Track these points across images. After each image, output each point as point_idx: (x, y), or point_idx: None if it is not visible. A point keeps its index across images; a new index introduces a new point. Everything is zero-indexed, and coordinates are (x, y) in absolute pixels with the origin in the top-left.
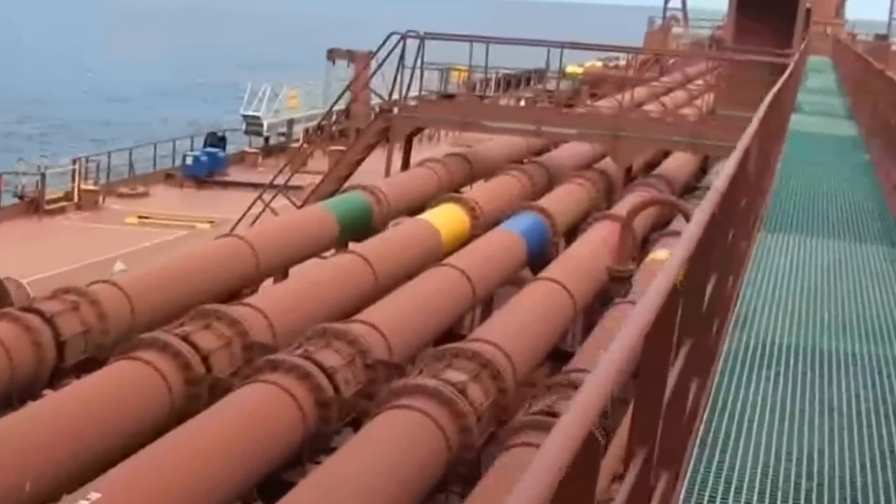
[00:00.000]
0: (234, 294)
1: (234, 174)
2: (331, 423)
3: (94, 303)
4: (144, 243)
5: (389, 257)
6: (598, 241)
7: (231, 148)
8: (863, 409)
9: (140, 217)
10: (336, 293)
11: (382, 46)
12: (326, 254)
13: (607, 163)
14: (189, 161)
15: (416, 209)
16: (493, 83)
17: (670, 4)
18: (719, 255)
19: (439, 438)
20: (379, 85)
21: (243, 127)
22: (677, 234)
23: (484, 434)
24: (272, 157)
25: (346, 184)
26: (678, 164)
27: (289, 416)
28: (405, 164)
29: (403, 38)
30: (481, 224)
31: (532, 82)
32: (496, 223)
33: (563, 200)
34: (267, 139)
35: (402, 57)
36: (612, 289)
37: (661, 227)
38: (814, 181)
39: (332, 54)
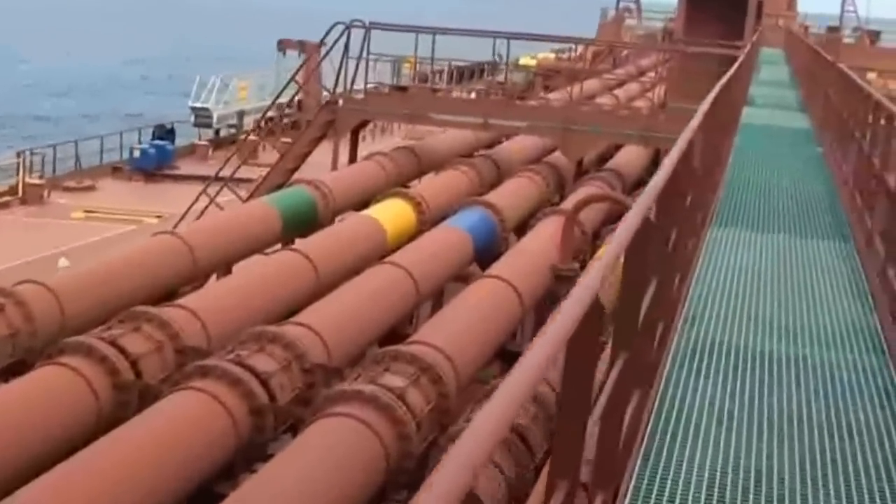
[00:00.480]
0: (171, 294)
1: (184, 167)
2: (265, 432)
3: (20, 304)
4: (91, 238)
5: (332, 254)
6: (546, 237)
7: (181, 140)
8: (813, 418)
9: (87, 211)
10: (275, 293)
11: (327, 36)
12: (270, 250)
13: (558, 156)
14: (136, 154)
15: (362, 204)
16: (445, 75)
17: None
18: (659, 253)
19: (377, 446)
20: (331, 76)
21: (192, 119)
22: None
23: (425, 441)
24: (223, 150)
25: (294, 177)
26: (630, 157)
27: (220, 424)
28: (352, 158)
29: (348, 27)
30: (428, 220)
31: (485, 74)
32: (443, 219)
33: (512, 195)
34: (217, 131)
35: (346, 47)
36: (556, 289)
37: (613, 221)
38: (766, 175)
39: (283, 45)
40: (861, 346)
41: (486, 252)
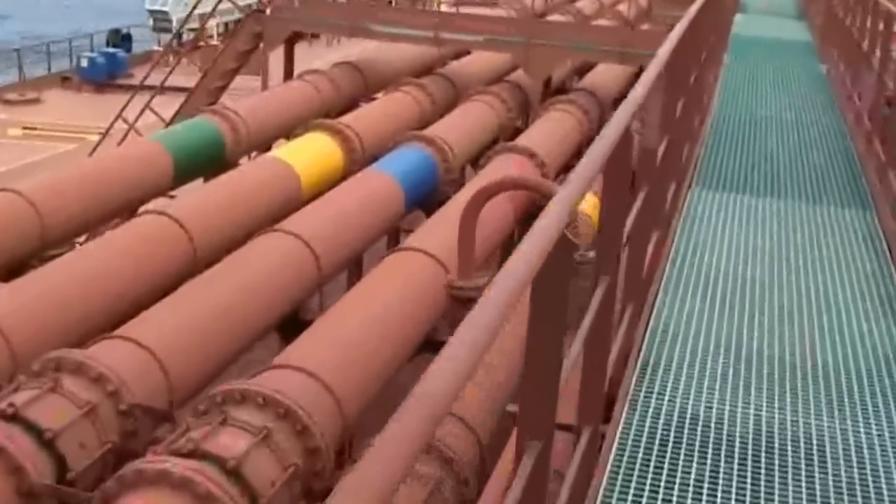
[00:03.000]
0: (13, 273)
1: (140, 76)
2: None
3: None
4: (29, 158)
5: (215, 219)
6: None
7: (141, 47)
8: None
9: (25, 128)
10: (123, 283)
11: None
12: (144, 209)
13: (524, 73)
14: (84, 63)
15: (285, 137)
16: None
17: None
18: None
19: None
20: None
21: (150, 23)
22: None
23: None
24: (186, 57)
25: (222, 100)
26: (610, 74)
27: None
28: (287, 77)
29: None
30: (360, 159)
31: None
32: (380, 157)
33: (462, 125)
34: (180, 36)
35: None
36: (452, 312)
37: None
38: (761, 103)
39: None
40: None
41: (425, 202)
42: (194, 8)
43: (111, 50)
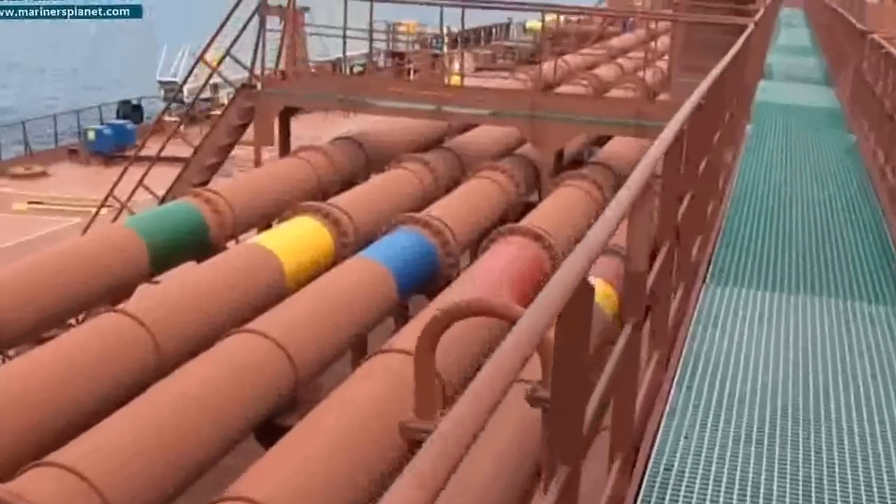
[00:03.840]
0: None
1: (152, 147)
2: None
3: None
4: (35, 233)
5: (180, 316)
6: (495, 273)
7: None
8: None
9: (31, 203)
10: (70, 395)
11: (238, 5)
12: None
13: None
14: (91, 136)
15: (274, 220)
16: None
17: None
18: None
19: None
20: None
21: (161, 94)
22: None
23: None
24: (196, 127)
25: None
26: (629, 143)
27: None
28: (283, 153)
29: None
30: (352, 244)
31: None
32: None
33: (466, 204)
34: (191, 106)
35: (262, 19)
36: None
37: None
38: (787, 175)
39: (263, 10)
40: None
41: (429, 283)
42: (208, 80)
43: (119, 121)
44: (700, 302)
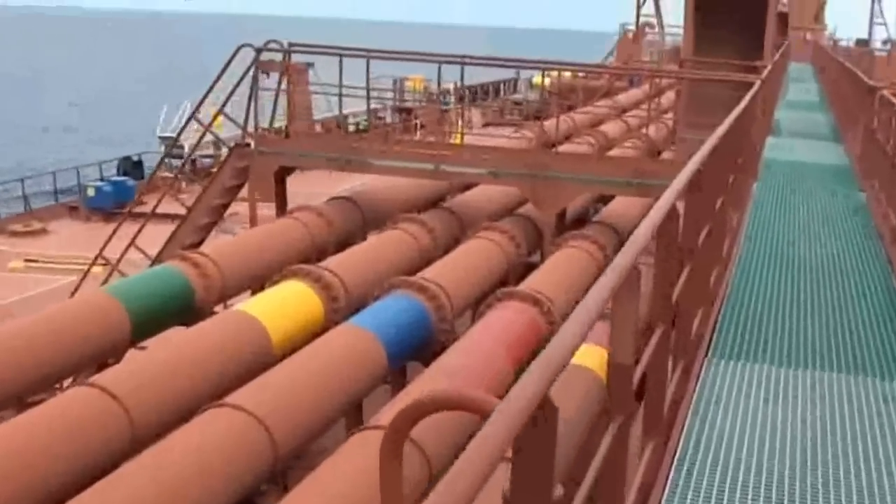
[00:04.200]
0: None
1: (153, 203)
2: None
3: None
4: (30, 292)
5: (156, 389)
6: (490, 340)
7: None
8: None
9: (27, 261)
10: (38, 476)
11: (231, 62)
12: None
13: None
14: (91, 192)
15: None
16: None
17: (643, 10)
18: None
19: None
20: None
21: (162, 150)
22: None
23: None
24: (197, 182)
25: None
26: (632, 202)
27: None
28: (280, 213)
29: (259, 51)
30: (344, 309)
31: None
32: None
33: (463, 266)
34: (194, 161)
35: (254, 77)
36: None
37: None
38: (794, 238)
39: (264, 66)
40: None
41: (423, 350)
42: (201, 138)
43: (119, 178)
44: (702, 377)
